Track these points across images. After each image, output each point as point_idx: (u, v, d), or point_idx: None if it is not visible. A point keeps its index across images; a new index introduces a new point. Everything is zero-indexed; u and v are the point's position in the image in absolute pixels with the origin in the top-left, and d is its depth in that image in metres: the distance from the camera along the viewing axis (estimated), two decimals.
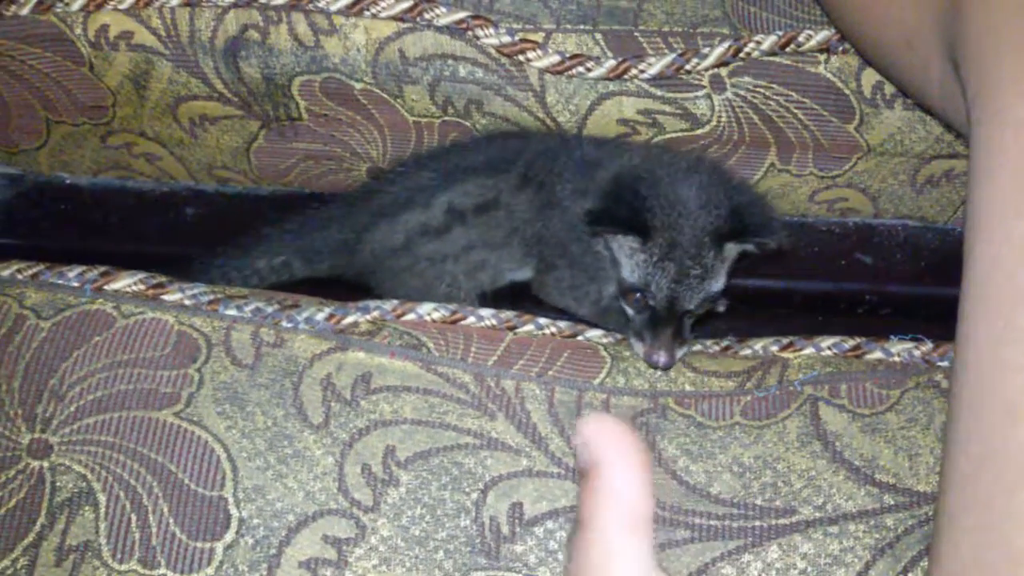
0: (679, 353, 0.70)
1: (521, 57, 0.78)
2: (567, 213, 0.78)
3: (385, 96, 0.81)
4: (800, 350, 0.71)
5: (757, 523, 0.63)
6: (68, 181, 0.94)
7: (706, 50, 0.78)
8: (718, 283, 0.72)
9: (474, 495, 0.63)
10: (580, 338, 0.72)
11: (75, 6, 0.78)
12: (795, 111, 0.80)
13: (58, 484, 0.63)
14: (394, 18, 0.77)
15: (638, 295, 0.72)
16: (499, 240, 0.82)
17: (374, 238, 0.83)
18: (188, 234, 0.93)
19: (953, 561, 0.51)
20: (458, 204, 0.81)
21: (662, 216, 0.70)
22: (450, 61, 0.79)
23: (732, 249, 0.72)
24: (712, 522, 0.63)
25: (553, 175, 0.79)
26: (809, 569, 0.62)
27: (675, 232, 0.70)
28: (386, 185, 0.84)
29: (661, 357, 0.69)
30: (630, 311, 0.73)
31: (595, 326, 0.74)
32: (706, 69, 0.78)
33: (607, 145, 0.80)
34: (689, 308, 0.71)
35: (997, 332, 0.51)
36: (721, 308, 0.77)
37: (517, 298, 0.85)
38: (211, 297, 0.69)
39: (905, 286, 0.93)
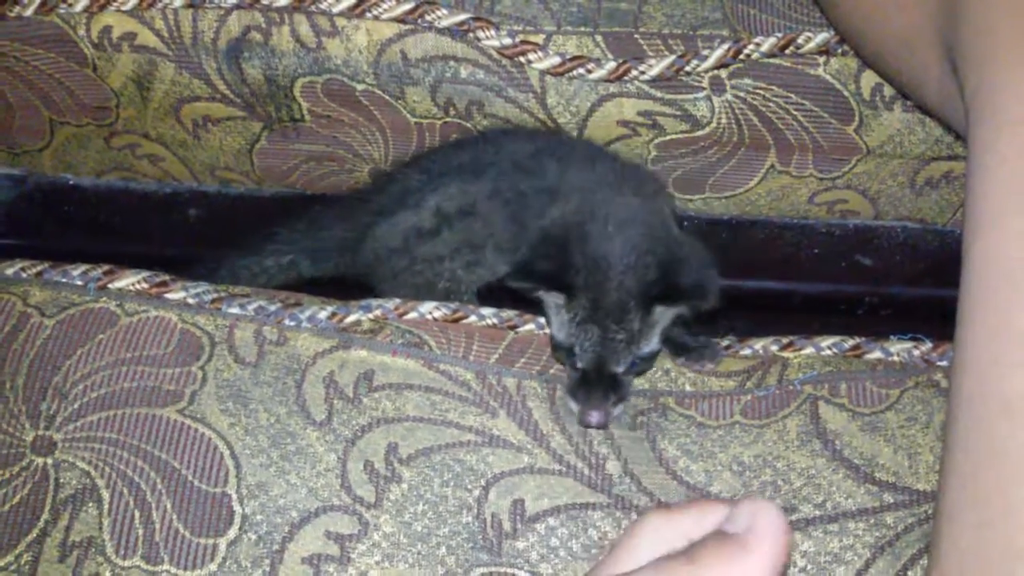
0: (615, 411, 0.67)
1: (522, 59, 0.78)
2: (527, 231, 0.75)
3: (387, 97, 0.81)
4: (800, 350, 0.71)
5: None
6: (71, 182, 0.94)
7: (706, 52, 0.78)
8: (649, 346, 0.68)
9: (476, 492, 0.64)
10: None
11: (78, 7, 0.78)
12: (795, 113, 0.81)
13: (62, 480, 0.63)
14: (396, 20, 0.78)
15: (566, 355, 0.69)
16: (480, 243, 0.81)
17: (375, 238, 0.83)
18: (191, 235, 0.93)
19: (952, 558, 0.51)
20: (444, 208, 0.80)
21: (585, 275, 0.67)
22: (451, 63, 0.79)
23: (662, 313, 0.68)
24: None
25: (516, 193, 0.77)
26: (809, 567, 0.62)
27: (598, 293, 0.67)
28: (386, 185, 0.84)
29: (593, 418, 0.66)
30: (566, 368, 0.70)
31: None
32: (706, 71, 0.79)
33: (572, 167, 0.77)
34: (617, 371, 0.68)
35: (995, 330, 0.51)
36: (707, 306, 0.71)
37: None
38: (214, 296, 0.69)
39: (904, 288, 0.93)
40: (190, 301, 0.69)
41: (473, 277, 0.83)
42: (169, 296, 0.69)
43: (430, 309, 0.71)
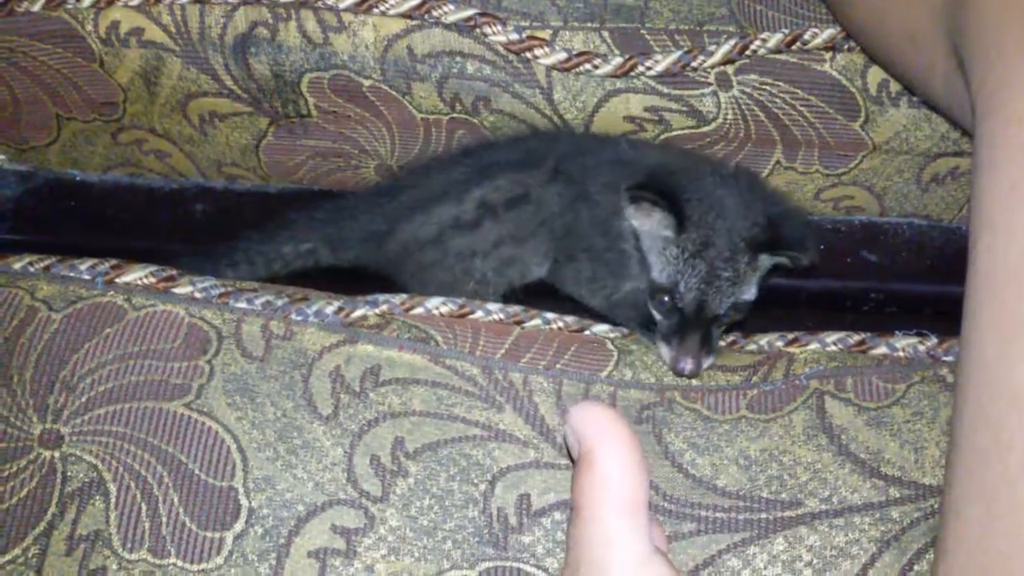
0: (706, 362, 0.69)
1: (529, 54, 0.78)
2: (596, 207, 0.77)
3: (393, 93, 0.81)
4: (805, 345, 0.71)
5: (763, 515, 0.64)
6: (78, 178, 0.94)
7: (712, 48, 0.78)
8: (749, 292, 0.72)
9: (482, 486, 0.64)
10: (587, 332, 0.72)
11: (86, 2, 0.78)
12: (801, 109, 0.81)
13: (69, 474, 0.63)
14: (403, 15, 0.78)
15: (666, 297, 0.71)
16: (526, 233, 0.82)
17: (406, 229, 0.83)
18: (197, 231, 0.93)
19: (959, 552, 0.51)
20: (490, 199, 0.80)
21: (699, 211, 0.70)
22: (458, 58, 0.79)
23: (766, 260, 0.72)
24: (718, 514, 0.64)
25: (585, 169, 0.78)
26: (815, 561, 0.62)
27: (710, 231, 0.69)
28: (420, 178, 0.84)
29: (688, 364, 0.68)
30: (658, 315, 0.72)
31: (602, 319, 0.75)
32: (712, 67, 0.79)
33: (643, 146, 0.80)
34: (718, 313, 0.70)
35: (1001, 325, 0.51)
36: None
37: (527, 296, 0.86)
38: (221, 290, 0.69)
39: (910, 284, 0.93)
40: (197, 295, 0.69)
41: (501, 280, 0.83)
42: (176, 290, 0.69)
43: (436, 305, 0.72)
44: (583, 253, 0.80)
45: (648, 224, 0.72)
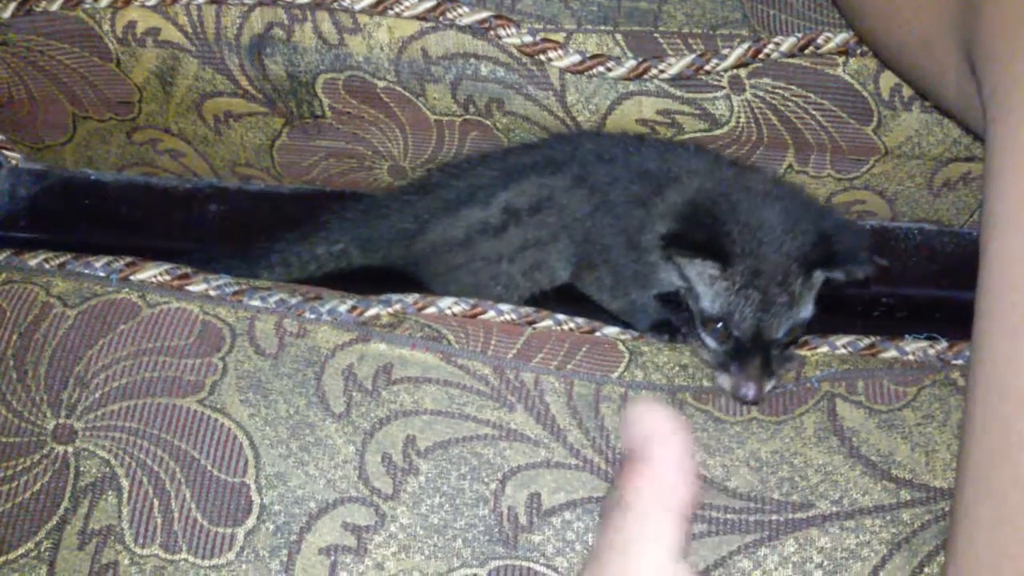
0: (768, 386, 0.66)
1: (542, 57, 0.79)
2: (620, 220, 0.76)
3: (407, 94, 0.82)
4: (816, 348, 0.71)
5: (774, 517, 0.64)
6: (93, 177, 0.95)
7: (725, 51, 0.78)
8: (806, 310, 0.69)
9: (493, 485, 0.64)
10: (598, 334, 0.73)
11: (103, 2, 0.79)
12: (813, 113, 0.81)
13: (82, 469, 0.64)
14: (417, 17, 0.78)
15: (719, 325, 0.68)
16: (547, 237, 0.81)
17: (435, 231, 0.83)
18: (211, 231, 0.94)
19: (969, 554, 0.51)
20: (514, 203, 0.80)
21: (743, 241, 0.67)
22: (472, 60, 0.80)
23: (819, 276, 0.69)
24: (729, 516, 0.64)
25: (610, 178, 0.77)
26: (825, 563, 0.62)
27: (758, 259, 0.67)
28: (450, 179, 0.84)
29: (751, 390, 0.65)
30: (711, 343, 0.69)
31: (621, 322, 0.75)
32: (725, 70, 0.79)
33: (666, 152, 0.78)
34: (775, 338, 0.68)
35: (1012, 327, 0.51)
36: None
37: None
38: (235, 288, 0.70)
39: (921, 289, 0.93)
40: (211, 293, 0.70)
41: (529, 283, 0.83)
42: (191, 288, 0.70)
43: (449, 304, 0.72)
44: (604, 263, 0.79)
45: (691, 265, 0.70)
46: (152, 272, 0.70)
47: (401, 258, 0.86)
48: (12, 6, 0.80)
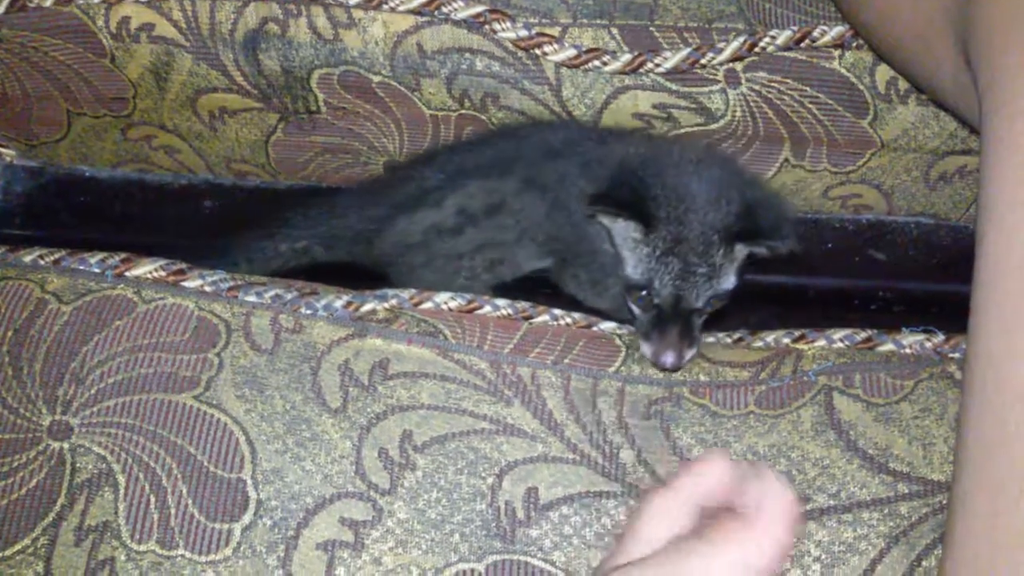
0: (688, 354, 0.68)
1: (538, 51, 0.78)
2: (572, 215, 0.76)
3: (403, 89, 0.81)
4: (812, 342, 0.71)
5: None
6: (88, 174, 0.95)
7: (721, 45, 0.78)
8: (728, 282, 0.70)
9: (490, 480, 0.64)
10: (595, 328, 0.73)
11: None
12: (809, 106, 0.81)
13: (78, 465, 0.63)
14: (412, 12, 0.78)
15: (643, 293, 0.70)
16: (511, 240, 0.82)
17: (392, 233, 0.83)
18: (206, 227, 0.94)
19: (966, 546, 0.51)
20: (467, 206, 0.80)
21: (667, 208, 0.68)
22: (467, 55, 0.79)
23: (742, 250, 0.70)
24: None
25: (558, 176, 0.77)
26: (823, 556, 0.62)
27: (681, 226, 0.67)
28: (403, 180, 0.84)
29: (668, 357, 0.67)
30: (636, 310, 0.71)
31: (612, 318, 0.75)
32: (721, 64, 0.79)
33: (611, 139, 0.78)
34: (696, 307, 0.69)
35: (1007, 320, 0.51)
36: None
37: (531, 292, 0.86)
38: (231, 284, 0.70)
39: (918, 283, 0.93)
40: (207, 289, 0.69)
41: (490, 276, 0.83)
42: (186, 284, 0.70)
43: (445, 299, 0.72)
44: (574, 259, 0.79)
45: (617, 225, 0.71)
46: (147, 268, 0.70)
47: (365, 256, 0.85)
48: (6, 2, 0.79)
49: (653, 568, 0.44)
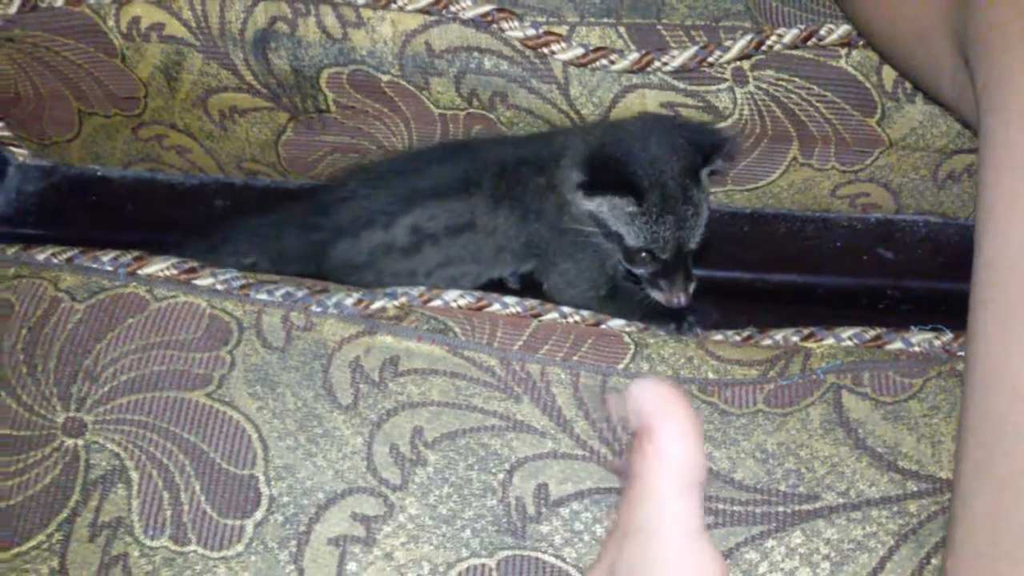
0: (691, 288, 0.77)
1: (545, 50, 0.79)
2: (545, 215, 0.80)
3: (411, 88, 0.82)
4: (821, 340, 0.72)
5: (780, 509, 0.64)
6: (99, 173, 0.95)
7: (728, 43, 0.79)
8: (706, 211, 0.77)
9: (500, 475, 0.64)
10: (604, 326, 0.73)
11: None
12: (817, 105, 0.81)
13: (92, 462, 0.64)
14: (420, 11, 0.79)
15: (644, 254, 0.77)
16: (487, 256, 0.83)
17: (337, 253, 0.82)
18: (217, 226, 0.94)
19: (967, 544, 0.52)
20: (426, 227, 0.81)
21: (646, 176, 0.74)
22: (475, 53, 0.80)
23: (706, 175, 0.77)
24: (736, 508, 0.64)
25: (524, 188, 0.80)
26: (832, 554, 0.63)
27: (663, 186, 0.74)
28: (347, 200, 0.83)
29: (682, 298, 0.76)
30: (640, 270, 0.78)
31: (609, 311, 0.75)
32: (728, 62, 0.79)
33: (559, 133, 0.82)
34: (692, 247, 0.77)
35: (1007, 318, 0.52)
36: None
37: (526, 289, 0.87)
38: (243, 282, 0.70)
39: (926, 282, 0.93)
40: (219, 287, 0.70)
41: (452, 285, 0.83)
42: (198, 282, 0.70)
43: (455, 297, 0.72)
44: (558, 256, 0.82)
45: (608, 205, 0.76)
46: (159, 266, 0.70)
47: (315, 273, 0.82)
48: (17, 3, 0.80)
49: (616, 537, 0.43)
